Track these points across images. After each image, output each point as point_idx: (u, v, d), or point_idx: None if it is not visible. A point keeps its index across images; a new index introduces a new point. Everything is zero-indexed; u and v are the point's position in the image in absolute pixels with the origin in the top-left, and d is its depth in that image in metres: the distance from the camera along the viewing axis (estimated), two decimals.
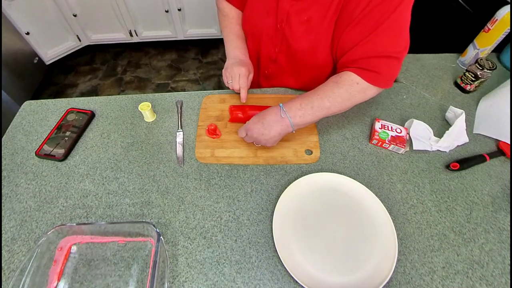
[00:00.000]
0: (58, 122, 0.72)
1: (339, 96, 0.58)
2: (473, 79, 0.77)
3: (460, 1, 1.08)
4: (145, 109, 0.70)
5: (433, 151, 0.68)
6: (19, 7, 1.82)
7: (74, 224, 0.53)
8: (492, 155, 0.66)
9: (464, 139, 0.68)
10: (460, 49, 0.91)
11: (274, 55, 0.75)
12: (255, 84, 0.88)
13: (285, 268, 0.49)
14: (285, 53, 0.73)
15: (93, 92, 2.17)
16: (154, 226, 0.49)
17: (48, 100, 0.79)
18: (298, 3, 0.63)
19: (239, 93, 0.78)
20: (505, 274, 0.50)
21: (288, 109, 0.58)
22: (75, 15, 2.07)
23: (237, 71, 0.69)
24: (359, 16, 0.56)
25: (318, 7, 0.61)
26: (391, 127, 0.69)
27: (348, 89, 0.58)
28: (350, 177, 0.61)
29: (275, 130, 0.59)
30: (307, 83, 0.79)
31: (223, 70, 0.74)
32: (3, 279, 0.49)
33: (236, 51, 0.76)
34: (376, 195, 0.58)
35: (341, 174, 0.62)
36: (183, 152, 0.67)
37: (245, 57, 0.76)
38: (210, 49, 2.46)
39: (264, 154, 0.66)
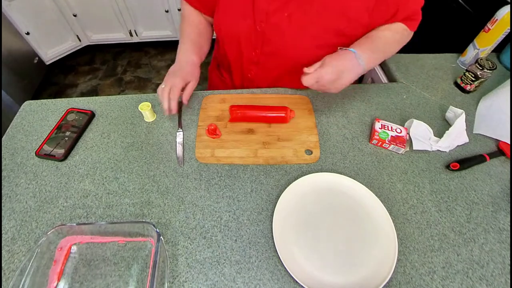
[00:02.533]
0: (58, 122, 0.72)
1: (396, 41, 0.68)
2: (473, 79, 0.77)
3: (460, 1, 1.08)
4: (145, 109, 0.70)
5: (433, 151, 0.68)
6: (19, 7, 1.82)
7: (74, 224, 0.53)
8: (492, 155, 0.66)
9: (464, 139, 0.68)
10: (460, 49, 0.91)
11: (255, 58, 0.74)
12: (240, 88, 0.86)
13: (285, 268, 0.49)
14: (268, 53, 0.72)
15: (93, 92, 2.18)
16: (154, 226, 0.49)
17: (48, 100, 0.79)
18: (276, 1, 0.63)
19: (238, 94, 0.79)
20: (505, 274, 0.50)
21: (362, 55, 0.60)
22: (75, 15, 2.08)
23: (170, 81, 0.65)
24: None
25: (298, 1, 0.62)
26: (391, 127, 0.69)
27: (402, 36, 0.68)
28: (350, 177, 0.61)
29: (349, 78, 0.59)
30: (292, 83, 0.79)
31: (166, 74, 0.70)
32: (3, 279, 0.49)
33: (182, 56, 0.72)
34: (376, 195, 0.58)
35: (341, 174, 0.62)
36: (183, 152, 0.67)
37: (189, 63, 0.70)
38: (209, 49, 2.46)
39: (264, 154, 0.66)
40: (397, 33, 0.67)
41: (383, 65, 0.96)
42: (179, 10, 2.09)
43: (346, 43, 0.66)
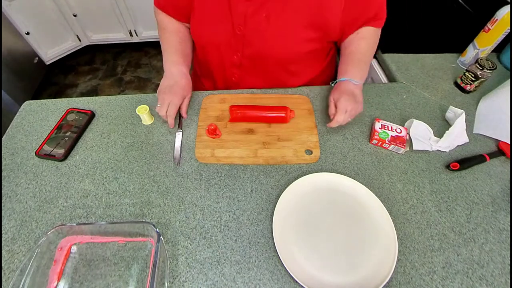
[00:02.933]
0: (58, 122, 0.72)
1: (373, 48, 0.73)
2: (473, 79, 0.77)
3: (460, 1, 1.08)
4: (143, 112, 0.70)
5: (433, 151, 0.68)
6: (19, 7, 1.82)
7: (74, 224, 0.53)
8: (492, 155, 0.66)
9: (464, 139, 0.68)
10: (460, 49, 0.91)
11: (237, 61, 0.74)
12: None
13: (285, 268, 0.49)
14: (249, 56, 0.72)
15: (93, 92, 2.17)
16: (154, 226, 0.49)
17: (48, 100, 0.79)
18: (253, 3, 0.63)
19: (238, 94, 0.79)
20: (505, 274, 0.50)
21: (355, 79, 0.68)
22: (75, 15, 2.08)
23: (168, 99, 0.66)
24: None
25: (273, 1, 0.62)
26: (391, 127, 0.69)
27: (373, 38, 0.72)
28: (350, 177, 0.61)
29: (359, 94, 0.68)
30: (277, 81, 0.80)
31: (157, 91, 0.70)
32: (3, 279, 0.49)
33: (171, 67, 0.72)
34: (376, 195, 0.58)
35: (341, 174, 0.62)
36: (180, 153, 0.67)
37: (181, 76, 0.71)
38: None
39: (264, 154, 0.66)
40: (369, 38, 0.72)
41: (383, 65, 0.96)
42: None
43: (323, 36, 0.70)
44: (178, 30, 0.77)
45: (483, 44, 0.83)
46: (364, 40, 0.71)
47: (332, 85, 0.72)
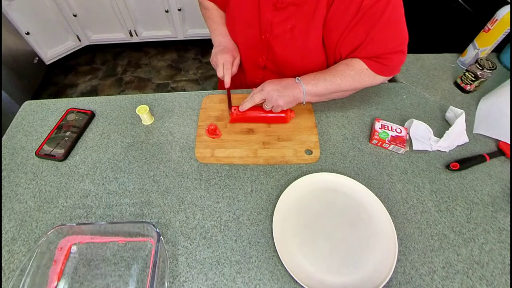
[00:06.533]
0: (58, 122, 0.72)
1: (350, 76, 0.64)
2: (473, 79, 0.77)
3: (460, 1, 1.08)
4: (143, 112, 0.70)
5: (433, 151, 0.68)
6: (19, 7, 1.82)
7: (74, 224, 0.53)
8: (492, 155, 0.66)
9: (464, 139, 0.68)
10: (460, 49, 0.91)
11: (262, 63, 0.77)
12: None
13: (285, 268, 0.49)
14: (273, 60, 0.74)
15: (93, 92, 2.17)
16: (154, 226, 0.49)
17: (48, 100, 0.79)
18: (280, 13, 0.64)
19: (239, 94, 0.79)
20: (505, 274, 0.50)
21: (302, 79, 0.65)
22: (75, 15, 2.08)
23: (220, 59, 0.71)
24: (355, 19, 0.58)
25: (301, 15, 0.63)
26: (391, 127, 0.69)
27: (358, 73, 0.64)
28: (350, 177, 0.61)
29: (289, 90, 0.64)
30: None
31: (210, 59, 0.76)
32: (3, 279, 0.49)
33: (219, 37, 0.78)
34: (376, 195, 0.58)
35: (341, 174, 0.62)
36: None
37: (228, 41, 0.77)
38: (210, 49, 2.44)
39: (264, 154, 0.66)
40: (352, 70, 0.64)
41: None
42: (179, 10, 2.09)
43: (327, 51, 0.68)
44: (219, 8, 0.80)
45: (483, 44, 0.83)
46: (344, 65, 0.64)
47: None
